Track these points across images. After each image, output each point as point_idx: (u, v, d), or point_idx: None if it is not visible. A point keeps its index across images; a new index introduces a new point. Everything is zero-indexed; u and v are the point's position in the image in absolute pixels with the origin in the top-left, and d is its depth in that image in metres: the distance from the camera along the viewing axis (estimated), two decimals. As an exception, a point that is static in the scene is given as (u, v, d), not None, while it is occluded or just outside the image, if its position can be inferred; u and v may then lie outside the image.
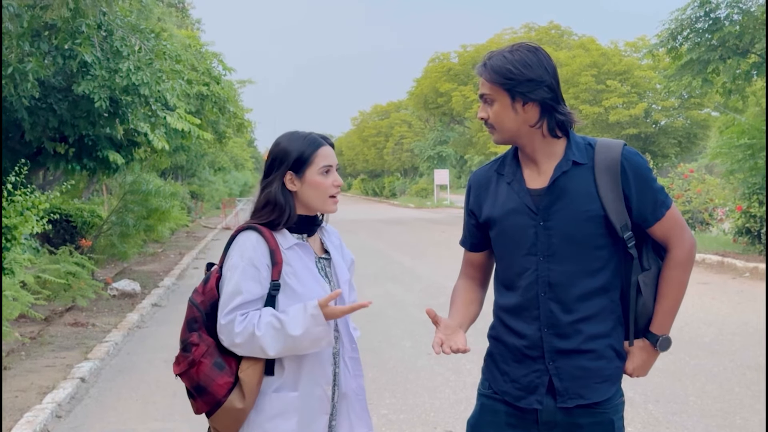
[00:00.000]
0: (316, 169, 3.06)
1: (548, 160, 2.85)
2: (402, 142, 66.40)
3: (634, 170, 2.80)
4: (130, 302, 12.24)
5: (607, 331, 2.84)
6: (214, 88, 18.81)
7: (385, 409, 6.68)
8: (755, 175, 16.51)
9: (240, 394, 2.95)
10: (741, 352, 8.50)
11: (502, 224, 2.89)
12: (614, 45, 32.45)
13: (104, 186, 21.46)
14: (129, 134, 13.28)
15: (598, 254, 2.80)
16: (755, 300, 11.83)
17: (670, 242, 2.87)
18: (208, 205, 42.33)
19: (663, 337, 2.89)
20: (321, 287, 3.04)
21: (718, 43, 17.28)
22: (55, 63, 10.65)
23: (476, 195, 3.03)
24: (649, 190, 2.83)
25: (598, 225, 2.78)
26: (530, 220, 2.82)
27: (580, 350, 2.80)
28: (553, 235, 2.79)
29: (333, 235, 3.29)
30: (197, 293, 3.06)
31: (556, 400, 2.82)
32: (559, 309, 2.80)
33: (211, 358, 2.96)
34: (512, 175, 2.91)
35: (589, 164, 2.82)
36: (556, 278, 2.80)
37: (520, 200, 2.85)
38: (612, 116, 28.88)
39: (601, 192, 2.77)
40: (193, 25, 33.91)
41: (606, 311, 2.83)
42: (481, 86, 2.85)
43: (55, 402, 6.88)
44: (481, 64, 2.86)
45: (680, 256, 2.87)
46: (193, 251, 20.72)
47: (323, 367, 3.05)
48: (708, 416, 6.43)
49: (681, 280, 2.89)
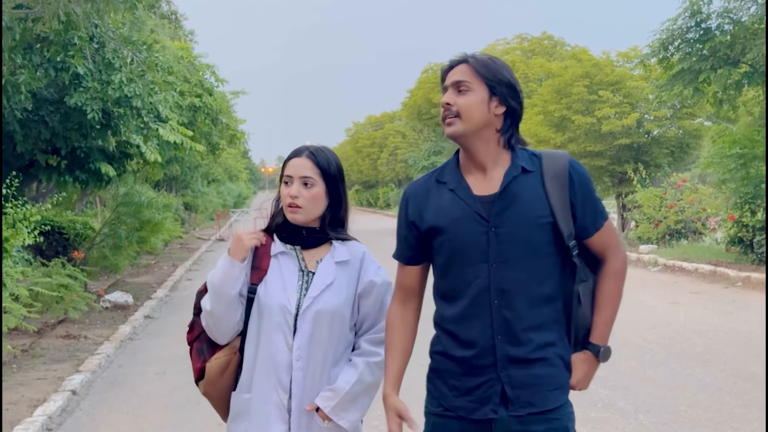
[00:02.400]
0: (282, 178, 3.16)
1: (496, 167, 2.83)
2: (396, 153, 66.38)
3: (579, 179, 2.82)
4: (122, 314, 12.22)
5: (554, 340, 2.82)
6: (206, 100, 18.83)
7: (377, 420, 6.66)
8: (747, 185, 16.54)
9: (203, 381, 3.20)
10: (732, 362, 8.51)
11: (448, 232, 2.83)
12: (606, 55, 32.49)
13: (98, 198, 21.45)
14: (121, 146, 13.30)
15: (546, 262, 2.80)
16: (747, 309, 11.85)
17: (607, 252, 2.88)
18: (202, 216, 42.30)
19: (604, 348, 2.88)
20: (285, 295, 3.08)
21: (709, 53, 17.31)
22: (48, 75, 10.67)
23: (415, 205, 2.95)
24: (591, 199, 2.85)
25: (548, 232, 2.77)
26: (480, 227, 2.77)
27: (531, 359, 2.77)
28: (505, 242, 2.76)
29: (345, 252, 3.22)
30: (204, 284, 3.25)
31: (508, 408, 2.78)
32: (512, 316, 2.76)
33: (199, 344, 3.23)
34: (456, 183, 2.86)
35: (537, 172, 2.82)
36: (508, 285, 2.76)
37: (468, 207, 2.80)
38: (604, 126, 28.90)
39: (551, 199, 2.77)
40: (186, 36, 33.94)
41: (552, 320, 2.82)
42: (456, 73, 2.81)
43: (45, 415, 6.87)
44: (463, 54, 2.86)
45: (616, 267, 2.89)
46: (187, 263, 20.70)
47: (279, 372, 3.06)
48: (699, 426, 6.44)
49: (619, 290, 2.91)
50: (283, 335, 3.05)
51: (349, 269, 3.19)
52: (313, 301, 3.08)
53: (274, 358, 3.05)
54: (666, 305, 12.12)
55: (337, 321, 3.13)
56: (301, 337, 3.06)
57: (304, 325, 3.06)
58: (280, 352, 3.05)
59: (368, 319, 3.22)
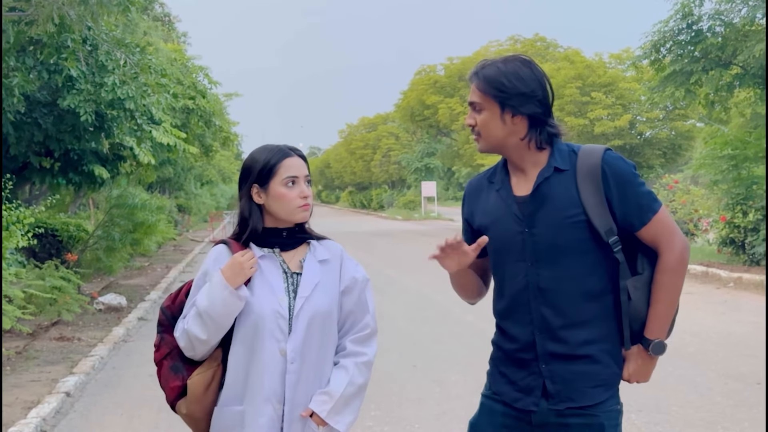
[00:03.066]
0: (279, 180, 3.02)
1: (534, 168, 2.89)
2: (389, 155, 66.46)
3: (614, 175, 2.81)
4: (116, 316, 12.22)
5: (602, 336, 2.85)
6: (200, 102, 18.85)
7: (371, 420, 6.71)
8: (739, 186, 16.62)
9: (186, 400, 3.06)
10: (724, 362, 8.55)
11: (492, 231, 2.93)
12: (599, 57, 32.63)
13: (91, 200, 21.44)
14: (115, 148, 13.31)
15: (584, 259, 2.82)
16: (739, 310, 11.91)
17: (659, 246, 2.85)
18: (196, 218, 42.28)
19: (655, 342, 2.87)
20: (276, 300, 3.00)
21: (701, 54, 17.41)
22: (41, 78, 10.69)
23: (469, 203, 3.11)
24: (633, 194, 2.82)
25: (582, 230, 2.79)
26: (517, 227, 2.86)
27: (574, 355, 2.82)
28: (539, 242, 2.82)
29: (325, 251, 3.17)
30: (168, 298, 3.20)
31: (549, 402, 2.84)
32: (551, 313, 2.82)
33: (171, 361, 3.09)
34: (501, 183, 2.96)
35: (571, 170, 2.85)
36: (545, 283, 2.82)
37: (507, 207, 2.90)
38: (597, 128, 29.00)
39: (582, 197, 2.79)
40: (179, 38, 33.94)
41: (599, 316, 2.84)
42: (471, 93, 2.89)
43: (39, 417, 6.87)
44: (473, 71, 2.91)
45: (670, 261, 2.84)
46: (180, 264, 20.69)
47: (273, 382, 2.97)
48: (690, 426, 6.48)
49: (672, 284, 2.87)
50: (275, 342, 2.97)
51: (331, 267, 3.14)
52: (305, 302, 3.02)
53: (267, 367, 2.97)
54: (658, 306, 12.14)
55: (328, 320, 3.08)
56: (295, 339, 2.98)
57: (298, 327, 2.99)
58: (274, 360, 2.97)
59: (351, 317, 3.16)
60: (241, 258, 2.96)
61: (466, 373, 8.19)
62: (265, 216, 3.09)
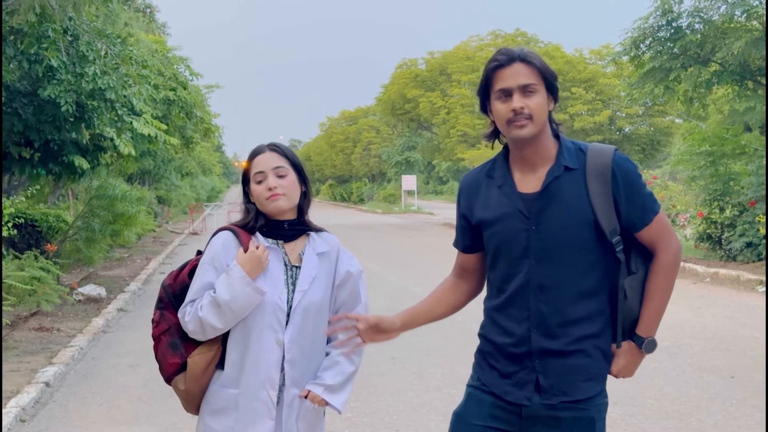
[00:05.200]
0: (252, 179, 3.20)
1: (543, 163, 2.89)
2: (370, 148, 66.42)
3: (624, 176, 2.84)
4: (95, 307, 12.21)
5: (596, 332, 2.88)
6: (181, 93, 18.79)
7: (350, 412, 6.75)
8: (716, 182, 16.81)
9: (184, 377, 3.18)
10: (699, 356, 8.66)
11: (494, 227, 2.93)
12: (579, 53, 32.75)
13: (70, 191, 21.34)
14: (95, 139, 13.25)
15: (588, 258, 2.85)
16: (715, 305, 12.04)
17: (657, 247, 2.91)
18: (175, 210, 42.14)
19: (648, 340, 2.92)
20: (277, 293, 3.13)
21: (680, 51, 17.51)
22: (21, 67, 10.64)
23: (467, 199, 3.07)
24: (638, 195, 2.87)
25: (589, 230, 2.82)
26: (522, 224, 2.86)
27: (566, 351, 2.85)
28: (545, 239, 2.83)
29: (323, 243, 3.31)
30: (170, 276, 3.29)
31: (541, 396, 2.86)
32: (550, 311, 2.84)
33: (169, 338, 3.20)
34: (503, 179, 2.94)
35: (581, 169, 2.86)
36: (547, 281, 2.84)
37: (512, 204, 2.89)
38: (577, 123, 29.13)
39: (592, 197, 2.82)
40: (160, 29, 33.79)
41: (595, 313, 2.87)
42: (519, 75, 2.82)
43: (19, 406, 6.88)
44: (517, 54, 2.85)
45: (666, 261, 2.90)
46: (160, 256, 20.65)
47: (268, 370, 3.12)
48: (665, 418, 6.57)
49: (667, 284, 2.93)
50: (273, 332, 3.11)
51: (328, 260, 3.28)
52: (303, 295, 3.16)
53: (263, 356, 3.10)
54: (635, 300, 12.25)
55: (322, 312, 3.23)
56: (292, 331, 3.13)
57: (295, 319, 3.14)
58: (270, 350, 3.11)
59: (344, 307, 3.30)
60: (259, 252, 3.10)
61: (445, 366, 8.26)
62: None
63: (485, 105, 2.97)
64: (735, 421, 6.44)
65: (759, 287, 13.08)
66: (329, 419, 4.67)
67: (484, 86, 2.92)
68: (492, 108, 2.90)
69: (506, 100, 2.83)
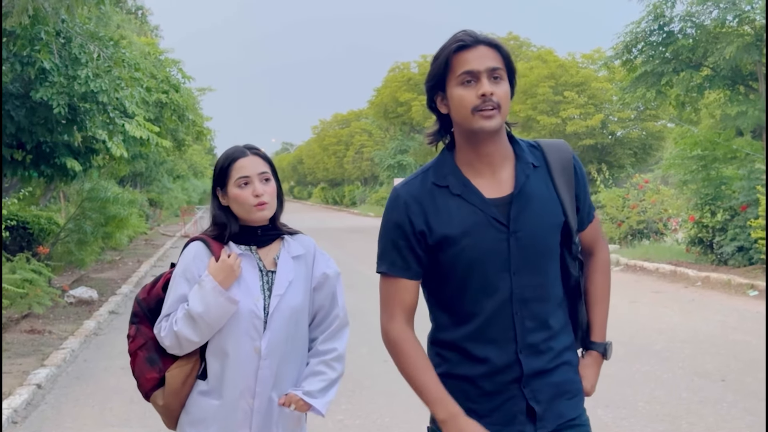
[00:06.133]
0: (233, 182, 3.06)
1: (503, 163, 2.56)
2: (362, 151, 66.46)
3: (581, 171, 2.68)
4: (87, 309, 12.21)
5: (570, 343, 2.67)
6: (173, 96, 18.80)
7: (341, 414, 6.76)
8: (708, 186, 16.85)
9: (162, 392, 3.11)
10: (690, 359, 8.68)
11: (462, 243, 2.51)
12: (571, 57, 32.84)
13: (61, 193, 21.32)
14: (87, 141, 13.25)
15: (556, 263, 2.63)
16: (706, 309, 12.06)
17: (596, 245, 2.78)
18: (167, 212, 42.11)
19: (608, 344, 2.77)
20: (252, 300, 3.05)
21: (672, 56, 17.58)
22: (13, 69, 10.62)
23: (419, 212, 2.56)
24: (587, 192, 2.72)
25: (558, 231, 2.60)
26: (499, 234, 2.50)
27: (549, 368, 2.57)
28: (526, 246, 2.51)
29: (298, 246, 3.19)
30: (144, 290, 3.20)
31: (536, 425, 2.54)
32: (535, 326, 2.54)
33: (146, 352, 3.12)
34: (461, 186, 2.54)
35: (542, 166, 2.60)
36: (529, 293, 2.53)
37: (482, 213, 2.51)
38: (569, 127, 29.20)
39: (561, 195, 2.59)
40: (152, 31, 33.78)
41: (566, 323, 2.66)
42: (486, 58, 2.46)
43: (11, 408, 6.89)
44: (481, 35, 2.50)
45: (605, 259, 2.80)
46: (152, 259, 20.65)
47: (247, 379, 3.05)
48: (656, 421, 6.59)
49: (608, 282, 2.81)
50: (250, 340, 3.04)
51: (304, 263, 3.18)
52: (280, 300, 3.07)
53: (241, 364, 3.04)
54: (627, 304, 12.29)
55: (300, 315, 3.14)
56: (270, 337, 3.04)
57: (273, 325, 3.05)
58: (248, 357, 3.03)
59: (321, 311, 3.21)
60: (230, 261, 3.01)
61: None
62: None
63: (433, 97, 2.58)
64: (726, 424, 6.46)
65: (750, 291, 13.12)
66: (321, 422, 4.67)
67: (441, 71, 2.50)
68: (450, 96, 2.50)
69: (471, 86, 2.44)
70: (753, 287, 13.21)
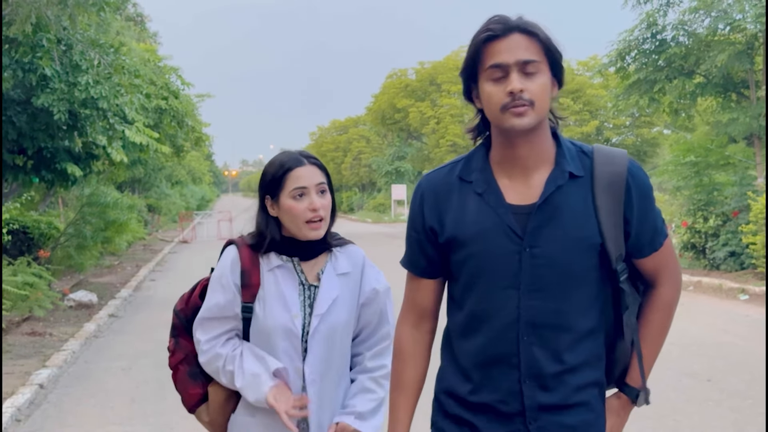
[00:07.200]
0: (287, 192, 2.79)
1: (540, 167, 2.26)
2: (360, 158, 66.53)
3: (639, 190, 2.27)
4: (86, 313, 12.36)
5: (596, 379, 2.32)
6: (172, 102, 18.94)
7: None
8: (700, 192, 17.04)
9: (207, 407, 2.96)
10: (678, 361, 8.84)
11: (471, 247, 2.26)
12: (567, 63, 32.98)
13: (60, 198, 21.47)
14: (87, 147, 13.41)
15: (589, 290, 2.26)
16: (697, 312, 12.22)
17: (659, 278, 2.36)
18: (165, 218, 42.21)
19: (644, 392, 2.38)
20: (289, 316, 2.82)
21: (665, 63, 17.75)
22: (15, 76, 10.79)
23: (434, 207, 2.34)
24: (651, 214, 2.31)
25: (594, 255, 2.24)
26: (512, 245, 2.21)
27: (566, 405, 2.26)
28: (541, 265, 2.21)
29: (346, 263, 2.95)
30: (181, 300, 3.04)
31: None
32: (546, 356, 2.23)
33: (188, 366, 2.97)
34: (485, 185, 2.28)
35: (587, 178, 2.26)
36: (542, 318, 2.22)
37: (498, 218, 2.23)
38: (564, 133, 29.35)
39: (600, 215, 2.22)
40: (151, 38, 33.94)
41: (594, 357, 2.30)
42: (518, 49, 2.16)
43: (14, 407, 7.05)
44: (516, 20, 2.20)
45: (669, 296, 2.37)
46: (150, 264, 20.79)
47: None
48: (642, 418, 6.74)
49: (668, 324, 2.41)
50: (290, 360, 2.81)
51: (351, 279, 2.93)
52: (321, 320, 2.82)
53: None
54: (619, 307, 12.44)
55: (345, 333, 2.92)
56: (312, 359, 2.83)
57: (315, 347, 2.83)
58: (290, 379, 2.81)
59: (368, 327, 3.00)
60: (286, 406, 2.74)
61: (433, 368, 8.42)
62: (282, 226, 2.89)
63: (469, 89, 2.30)
64: (710, 422, 6.64)
65: (741, 295, 13.31)
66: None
67: (471, 63, 2.23)
68: (480, 91, 2.23)
69: (500, 81, 2.16)
70: (744, 291, 13.40)
